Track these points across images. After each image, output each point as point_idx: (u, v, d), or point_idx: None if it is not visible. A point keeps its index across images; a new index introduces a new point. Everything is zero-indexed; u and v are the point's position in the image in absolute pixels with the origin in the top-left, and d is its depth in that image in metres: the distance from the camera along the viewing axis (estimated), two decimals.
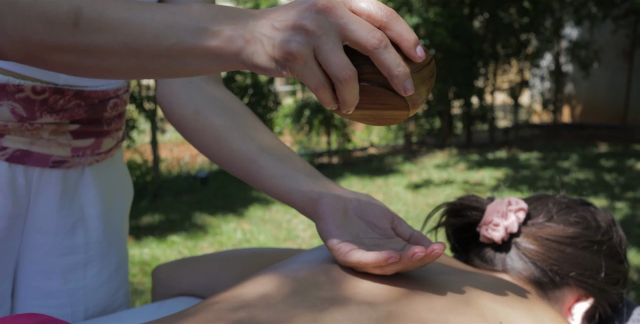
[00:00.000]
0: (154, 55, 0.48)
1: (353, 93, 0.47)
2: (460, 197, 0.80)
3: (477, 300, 0.58)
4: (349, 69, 0.46)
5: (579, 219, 0.77)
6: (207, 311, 0.55)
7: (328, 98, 0.48)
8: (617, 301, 0.78)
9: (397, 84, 0.47)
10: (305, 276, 0.60)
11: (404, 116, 0.51)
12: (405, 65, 0.47)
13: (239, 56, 0.47)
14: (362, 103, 0.50)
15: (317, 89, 0.47)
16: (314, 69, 0.46)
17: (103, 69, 0.50)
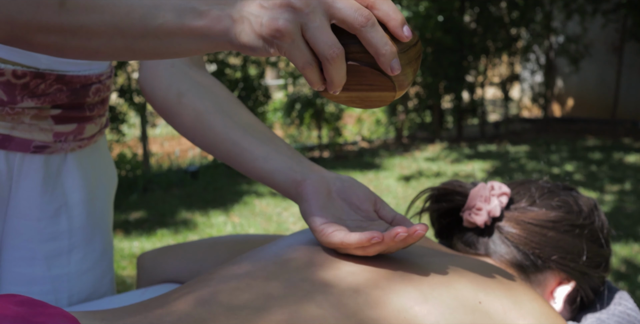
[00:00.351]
0: (141, 36, 0.48)
1: (340, 72, 0.47)
2: (444, 183, 0.80)
3: (457, 281, 0.58)
4: (337, 47, 0.46)
5: (561, 203, 0.77)
6: (187, 295, 0.55)
7: (315, 77, 0.48)
8: (599, 284, 0.79)
9: (384, 62, 0.47)
10: (286, 258, 0.60)
11: (390, 98, 0.51)
12: (392, 44, 0.47)
13: (227, 35, 0.47)
14: (349, 84, 0.50)
15: (304, 67, 0.47)
16: (301, 47, 0.46)
17: (89, 50, 0.50)
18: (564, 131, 7.13)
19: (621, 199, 3.97)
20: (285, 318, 0.50)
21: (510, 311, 0.57)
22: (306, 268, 0.58)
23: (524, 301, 0.59)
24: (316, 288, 0.54)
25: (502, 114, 7.47)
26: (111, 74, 0.81)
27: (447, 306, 0.54)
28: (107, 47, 0.49)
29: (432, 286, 0.56)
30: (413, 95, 6.44)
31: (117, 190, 3.92)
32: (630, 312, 0.78)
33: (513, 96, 7.47)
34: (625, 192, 4.17)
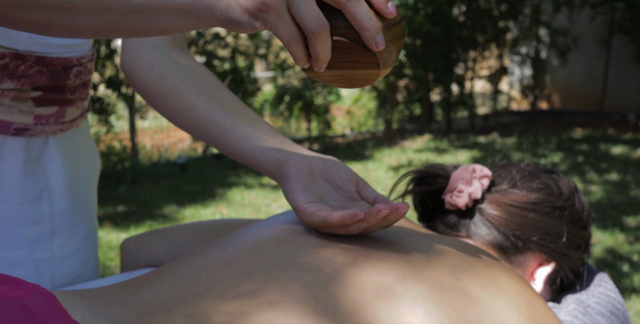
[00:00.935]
0: (126, 12, 0.48)
1: (325, 47, 0.48)
2: (427, 166, 0.81)
3: (437, 259, 0.59)
4: (322, 21, 0.46)
5: (541, 185, 0.78)
6: (170, 273, 0.55)
7: (300, 53, 0.48)
8: (579, 266, 0.79)
9: (369, 37, 0.47)
10: (267, 238, 0.60)
11: (374, 76, 0.51)
12: (377, 19, 0.47)
13: (212, 11, 0.47)
14: (333, 61, 0.50)
15: (289, 42, 0.47)
16: (287, 21, 0.46)
17: (73, 27, 0.49)
18: (553, 123, 7.17)
19: (607, 190, 4.01)
20: (267, 299, 0.51)
21: (488, 289, 0.57)
22: (287, 247, 0.58)
23: (502, 280, 0.60)
24: (296, 267, 0.55)
25: (491, 107, 7.50)
26: (93, 57, 0.80)
27: (425, 284, 0.55)
28: (91, 23, 0.49)
29: (411, 264, 0.57)
30: (402, 87, 6.45)
31: (105, 182, 3.91)
32: (609, 293, 0.79)
33: (502, 88, 7.49)
34: (612, 183, 4.20)
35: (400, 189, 0.83)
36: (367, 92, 6.63)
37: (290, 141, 0.67)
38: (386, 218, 0.56)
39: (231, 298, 0.50)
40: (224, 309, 0.48)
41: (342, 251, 0.57)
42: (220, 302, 0.49)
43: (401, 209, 0.55)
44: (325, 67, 0.49)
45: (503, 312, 0.56)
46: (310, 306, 0.50)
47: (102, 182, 4.11)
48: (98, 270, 0.90)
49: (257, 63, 7.15)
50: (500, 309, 0.56)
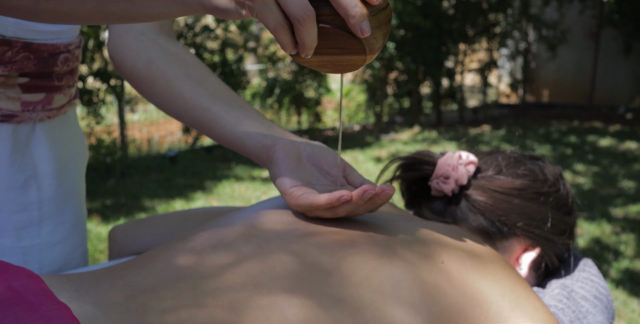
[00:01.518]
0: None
1: (312, 34, 0.48)
2: (414, 152, 0.81)
3: (422, 242, 0.59)
4: (308, 8, 0.47)
5: (527, 172, 0.79)
6: (156, 257, 0.55)
7: (287, 40, 0.49)
8: (564, 251, 0.80)
9: (354, 24, 0.48)
10: (254, 221, 0.61)
11: (361, 61, 0.52)
12: (362, 6, 0.48)
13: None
14: (320, 47, 0.51)
15: (275, 29, 0.48)
16: (273, 9, 0.47)
17: (60, 13, 0.49)
18: (542, 116, 7.20)
19: (594, 181, 4.04)
20: (250, 280, 0.51)
21: (472, 271, 0.58)
22: (273, 230, 0.58)
23: (486, 263, 0.61)
24: (283, 250, 0.55)
25: (481, 100, 7.52)
26: (80, 44, 0.80)
27: (410, 265, 0.56)
28: (78, 9, 0.49)
29: (397, 246, 0.58)
30: (392, 80, 6.46)
31: (94, 175, 3.89)
32: (593, 278, 0.80)
33: (491, 82, 7.52)
34: (599, 174, 4.24)
35: (388, 175, 0.83)
36: (357, 85, 6.63)
37: (278, 127, 0.68)
38: (372, 200, 0.56)
39: (217, 280, 0.50)
40: (210, 290, 0.49)
41: (329, 234, 0.58)
42: (207, 284, 0.49)
43: (387, 191, 0.56)
44: (312, 54, 0.50)
45: (487, 294, 0.57)
46: (295, 289, 0.50)
47: (92, 174, 4.09)
48: (87, 258, 0.90)
49: (248, 56, 7.13)
50: (484, 292, 0.57)
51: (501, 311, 0.57)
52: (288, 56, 5.69)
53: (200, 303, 0.47)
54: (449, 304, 0.55)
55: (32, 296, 0.43)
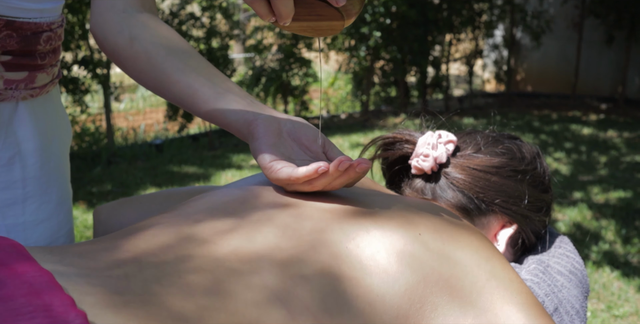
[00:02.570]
0: None
1: (288, 6, 0.49)
2: (394, 131, 0.83)
3: (399, 215, 0.61)
4: None
5: (504, 150, 0.81)
6: (140, 230, 0.56)
7: (264, 10, 0.50)
8: (540, 228, 0.83)
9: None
10: (235, 197, 0.62)
11: (340, 26, 0.53)
12: None
13: None
14: (298, 15, 0.52)
15: (252, 0, 0.49)
16: None
17: None
18: (526, 105, 7.25)
19: (576, 169, 4.09)
20: (231, 249, 0.52)
21: (449, 243, 0.60)
22: (254, 205, 0.60)
23: (463, 235, 0.62)
24: (262, 222, 0.56)
25: (466, 89, 7.56)
26: (62, 23, 0.80)
27: (387, 238, 0.57)
28: None
29: (374, 219, 0.59)
30: (378, 69, 6.47)
31: (80, 163, 3.87)
32: (569, 254, 0.83)
33: (477, 71, 7.55)
34: (580, 162, 4.29)
35: (370, 154, 0.85)
36: (343, 73, 6.63)
37: (259, 102, 0.69)
38: (348, 172, 0.57)
39: (200, 250, 0.51)
40: (192, 260, 0.50)
41: (307, 207, 0.59)
42: (189, 254, 0.51)
43: (363, 164, 0.57)
44: (290, 22, 0.51)
45: (463, 265, 0.59)
46: (276, 255, 0.52)
47: (78, 162, 4.08)
48: (73, 238, 0.91)
49: (233, 45, 7.09)
50: (460, 262, 0.59)
51: (477, 281, 0.58)
52: (275, 45, 5.68)
53: (181, 270, 0.48)
54: (426, 274, 0.56)
55: (14, 261, 0.44)
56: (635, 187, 3.63)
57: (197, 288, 0.47)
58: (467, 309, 0.57)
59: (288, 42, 5.54)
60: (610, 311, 2.18)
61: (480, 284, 0.58)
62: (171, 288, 0.46)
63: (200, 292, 0.46)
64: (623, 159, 4.41)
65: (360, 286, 0.53)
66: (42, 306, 0.39)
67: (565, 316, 0.75)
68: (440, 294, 0.56)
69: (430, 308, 0.55)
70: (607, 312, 2.18)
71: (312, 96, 6.60)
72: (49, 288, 0.41)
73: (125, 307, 0.43)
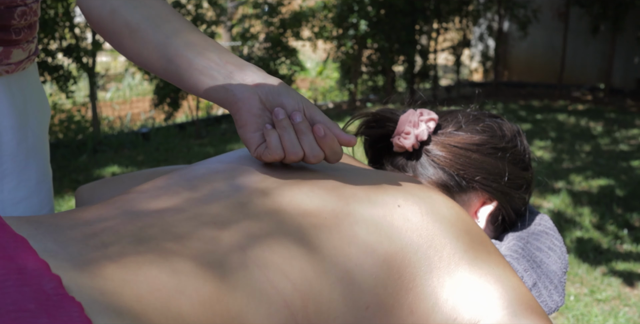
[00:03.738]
0: None
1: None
2: (377, 110, 0.83)
3: (378, 187, 0.61)
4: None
5: (485, 128, 0.81)
6: (118, 201, 0.56)
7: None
8: (520, 205, 0.83)
9: None
10: (216, 170, 0.62)
11: None
12: None
13: None
14: None
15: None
16: None
17: None
18: (514, 95, 7.29)
19: (559, 157, 4.12)
20: (210, 218, 0.52)
21: (427, 215, 0.60)
22: (235, 177, 0.60)
23: (442, 208, 0.63)
24: (241, 192, 0.56)
25: (454, 79, 7.57)
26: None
27: (366, 209, 0.57)
28: None
29: (354, 191, 0.59)
30: (365, 58, 6.46)
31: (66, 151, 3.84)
32: (548, 231, 0.84)
33: (464, 60, 7.57)
34: (564, 151, 4.32)
35: (351, 131, 0.85)
36: (331, 62, 6.61)
37: (238, 61, 0.67)
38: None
39: (178, 219, 0.51)
40: (171, 228, 0.50)
41: (287, 180, 0.59)
42: (168, 222, 0.51)
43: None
44: None
45: (441, 236, 0.59)
46: (254, 226, 0.52)
47: (63, 151, 4.05)
48: None
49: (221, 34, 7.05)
50: (439, 234, 0.59)
51: (455, 252, 0.59)
52: (262, 33, 5.65)
53: (159, 238, 0.48)
54: (404, 244, 0.57)
55: None
56: (618, 175, 3.67)
57: (175, 254, 0.47)
58: (445, 279, 0.57)
59: (275, 31, 5.52)
60: (593, 295, 2.21)
61: (458, 255, 0.59)
62: (149, 255, 0.46)
63: (177, 259, 0.46)
64: (606, 148, 4.45)
65: (339, 255, 0.53)
66: (15, 269, 0.39)
67: (544, 290, 0.75)
68: (418, 265, 0.57)
69: (409, 278, 0.56)
70: (590, 296, 2.20)
71: (299, 85, 6.58)
72: (23, 252, 0.41)
73: (102, 272, 0.43)
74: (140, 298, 0.41)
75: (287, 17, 5.58)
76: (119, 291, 0.41)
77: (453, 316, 0.56)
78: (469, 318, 0.57)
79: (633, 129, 5.21)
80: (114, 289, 0.41)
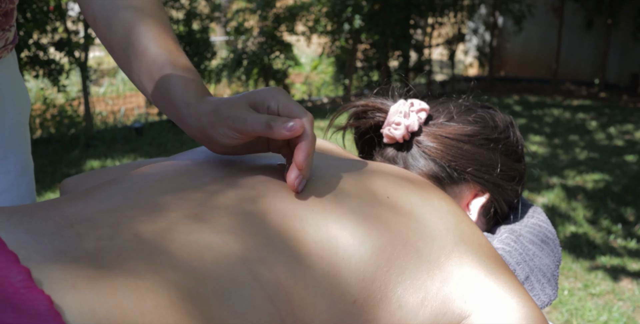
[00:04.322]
0: None
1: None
2: (366, 100, 0.81)
3: (368, 178, 0.59)
4: None
5: (477, 118, 0.79)
6: (96, 190, 0.54)
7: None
8: (513, 198, 0.82)
9: None
10: (195, 160, 0.60)
11: None
12: None
13: None
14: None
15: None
16: None
17: None
18: (508, 89, 7.28)
19: (553, 152, 4.12)
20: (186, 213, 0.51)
21: (418, 206, 0.59)
22: (216, 167, 0.58)
23: (433, 199, 0.61)
24: (223, 184, 0.55)
25: (448, 74, 7.56)
26: None
27: (354, 200, 0.56)
28: None
29: (342, 182, 0.58)
30: (360, 52, 6.43)
31: (58, 146, 3.81)
32: (541, 224, 0.82)
33: (459, 55, 7.55)
34: (558, 145, 4.31)
35: (340, 122, 0.83)
36: (326, 57, 6.59)
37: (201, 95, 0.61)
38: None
39: (156, 210, 0.49)
40: (148, 220, 0.48)
41: (270, 171, 0.58)
42: (145, 213, 0.49)
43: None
44: None
45: (432, 229, 0.57)
46: (238, 218, 0.50)
47: (55, 146, 4.02)
48: None
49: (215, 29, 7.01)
50: (429, 226, 0.58)
51: (445, 245, 0.57)
52: (256, 28, 5.62)
53: (136, 230, 0.47)
54: (393, 237, 0.55)
55: None
56: (612, 170, 3.67)
57: (145, 244, 0.45)
58: (435, 273, 0.56)
59: (270, 25, 5.49)
60: (587, 290, 2.20)
61: (448, 248, 0.57)
62: (126, 247, 0.44)
63: (146, 252, 0.45)
64: (601, 143, 4.45)
65: (325, 249, 0.51)
66: None
67: (537, 284, 0.74)
68: (408, 258, 0.55)
69: (397, 272, 0.54)
70: (584, 290, 2.20)
71: (293, 80, 6.56)
72: None
73: (75, 265, 0.41)
74: (116, 291, 0.40)
75: (282, 11, 5.54)
76: (92, 285, 0.39)
77: (443, 310, 0.55)
78: (459, 312, 0.55)
79: (627, 124, 5.20)
80: (87, 283, 0.39)
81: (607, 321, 1.96)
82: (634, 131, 4.88)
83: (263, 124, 0.53)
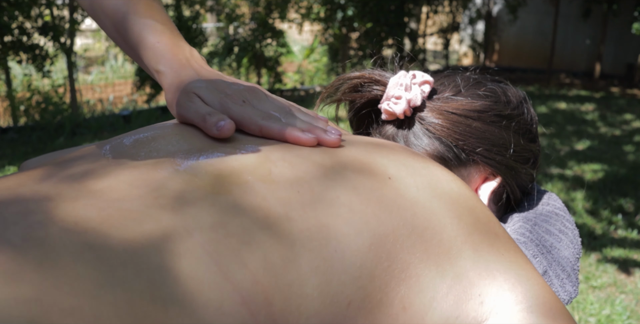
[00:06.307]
0: None
1: None
2: (362, 71, 0.71)
3: (365, 156, 0.50)
4: None
5: (488, 92, 0.70)
6: (63, 161, 0.46)
7: None
8: (527, 182, 0.73)
9: None
10: (156, 136, 0.51)
11: None
12: None
13: None
14: None
15: None
16: None
17: None
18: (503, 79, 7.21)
19: (550, 142, 4.05)
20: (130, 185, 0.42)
21: (424, 189, 0.49)
22: (168, 142, 0.49)
23: (442, 182, 0.52)
24: (171, 158, 0.46)
25: (443, 64, 7.47)
26: None
27: (351, 182, 0.47)
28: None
29: (333, 162, 0.48)
30: (354, 41, 6.33)
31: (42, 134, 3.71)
32: (558, 211, 0.73)
33: (453, 45, 7.46)
34: (555, 136, 4.25)
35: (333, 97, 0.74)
36: (319, 45, 6.49)
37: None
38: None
39: (101, 181, 0.41)
40: (86, 196, 0.39)
41: (251, 146, 0.49)
42: (93, 186, 0.40)
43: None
44: None
45: (441, 216, 0.48)
46: (205, 202, 0.41)
47: (39, 133, 3.91)
48: None
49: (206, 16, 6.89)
50: (438, 213, 0.48)
51: (457, 235, 0.48)
52: (248, 14, 5.51)
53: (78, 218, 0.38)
54: (396, 225, 0.46)
55: None
56: (611, 160, 3.60)
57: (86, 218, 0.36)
58: (445, 268, 0.47)
59: (262, 11, 5.37)
60: (588, 282, 2.13)
61: (461, 239, 0.48)
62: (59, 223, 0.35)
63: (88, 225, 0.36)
64: (598, 133, 4.38)
65: (314, 239, 0.42)
66: None
67: (555, 279, 0.65)
68: (413, 251, 0.46)
69: (401, 267, 0.45)
70: (585, 283, 2.12)
71: (286, 69, 6.45)
72: None
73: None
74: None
75: None
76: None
77: (455, 313, 0.46)
78: (474, 315, 0.46)
79: (624, 113, 5.14)
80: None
81: (609, 314, 1.89)
82: (632, 121, 4.81)
83: (200, 116, 0.51)
